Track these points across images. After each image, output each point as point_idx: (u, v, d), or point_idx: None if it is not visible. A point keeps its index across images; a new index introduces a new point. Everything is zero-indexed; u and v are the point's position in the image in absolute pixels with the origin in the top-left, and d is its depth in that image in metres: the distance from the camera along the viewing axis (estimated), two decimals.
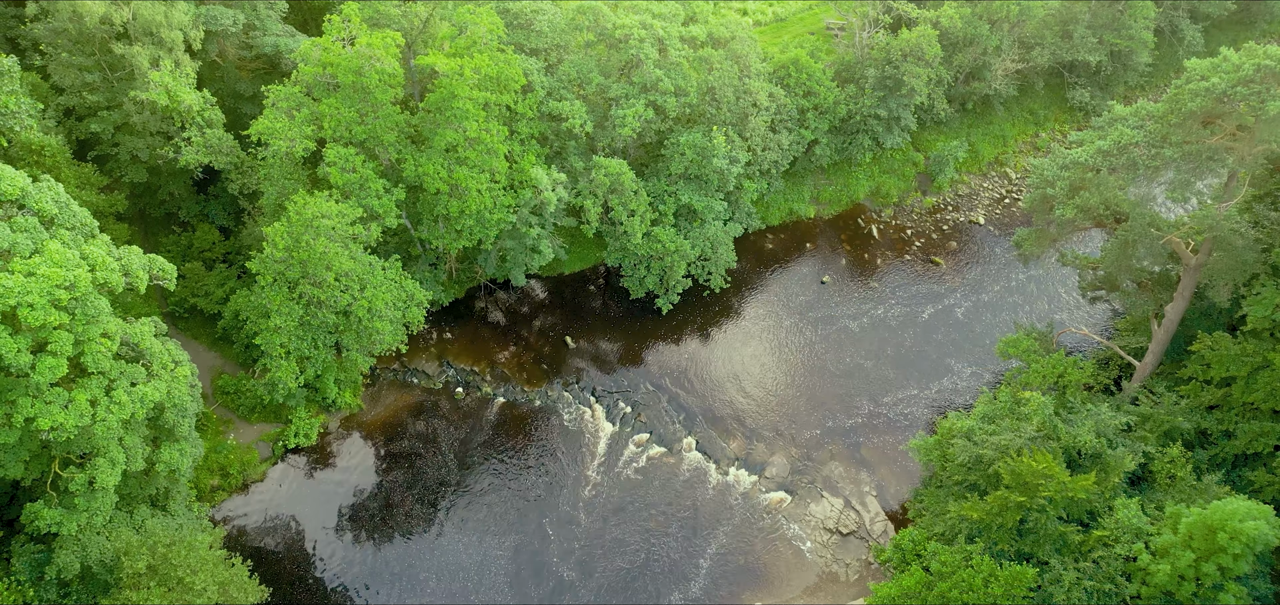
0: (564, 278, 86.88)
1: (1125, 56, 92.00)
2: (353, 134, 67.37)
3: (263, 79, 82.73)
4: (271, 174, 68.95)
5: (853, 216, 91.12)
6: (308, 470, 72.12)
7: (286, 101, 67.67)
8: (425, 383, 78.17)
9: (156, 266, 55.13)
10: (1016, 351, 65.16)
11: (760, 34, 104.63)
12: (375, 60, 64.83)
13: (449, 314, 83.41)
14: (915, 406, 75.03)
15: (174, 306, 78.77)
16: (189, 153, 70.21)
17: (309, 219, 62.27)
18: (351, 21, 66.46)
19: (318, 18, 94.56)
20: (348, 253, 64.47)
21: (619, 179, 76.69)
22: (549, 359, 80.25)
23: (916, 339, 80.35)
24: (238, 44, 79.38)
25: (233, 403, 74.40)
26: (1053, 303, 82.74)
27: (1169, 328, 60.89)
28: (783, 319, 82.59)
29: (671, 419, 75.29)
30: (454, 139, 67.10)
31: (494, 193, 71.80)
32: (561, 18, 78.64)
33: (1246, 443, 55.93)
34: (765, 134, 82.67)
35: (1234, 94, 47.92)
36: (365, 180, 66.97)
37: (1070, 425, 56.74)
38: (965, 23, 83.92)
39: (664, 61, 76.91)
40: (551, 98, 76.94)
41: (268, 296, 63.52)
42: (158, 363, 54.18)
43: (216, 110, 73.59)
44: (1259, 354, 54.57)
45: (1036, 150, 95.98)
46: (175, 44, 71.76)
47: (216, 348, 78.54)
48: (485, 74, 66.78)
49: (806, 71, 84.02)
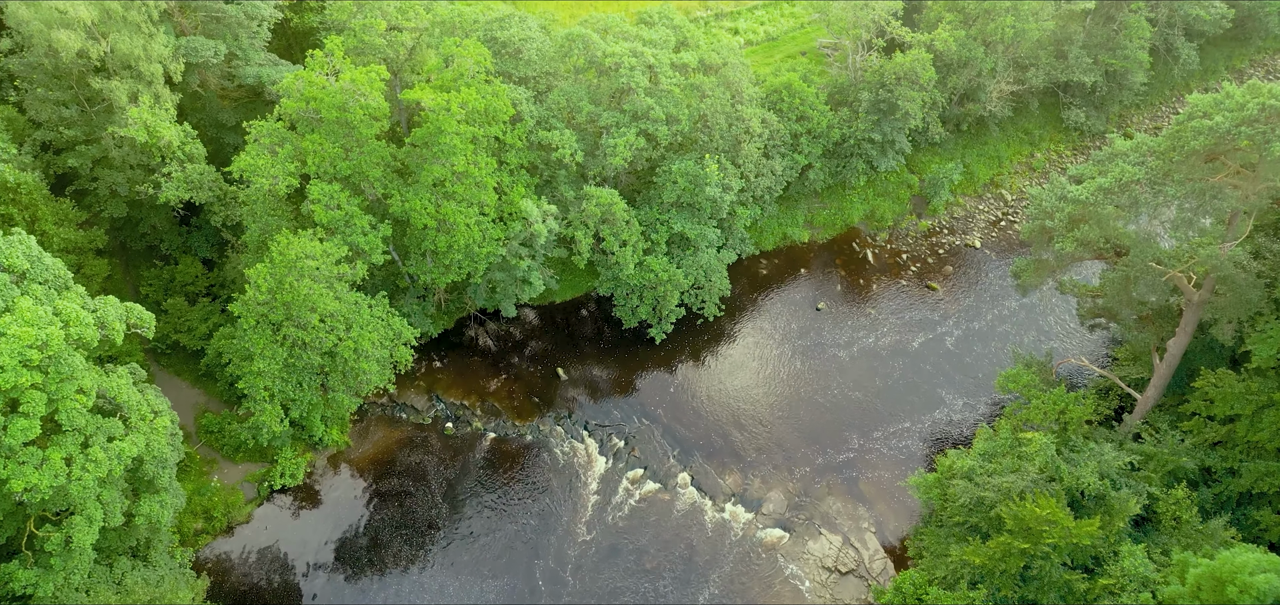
0: (555, 305, 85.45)
1: (1121, 76, 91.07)
2: (337, 170, 65.83)
3: (246, 108, 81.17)
4: (254, 210, 67.36)
5: (847, 240, 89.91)
6: (294, 510, 70.49)
7: (269, 137, 66.07)
8: (414, 418, 76.62)
9: (134, 315, 53.58)
10: (1016, 386, 64.01)
11: (752, 53, 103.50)
12: (360, 95, 63.31)
13: (439, 344, 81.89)
14: (910, 440, 73.75)
15: (156, 343, 76.99)
16: (169, 189, 68.54)
17: (292, 260, 60.72)
18: (335, 55, 64.91)
19: (303, 43, 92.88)
20: (333, 293, 62.92)
21: (610, 209, 75.34)
22: (540, 391, 78.80)
23: (909, 370, 78.96)
24: (220, 74, 77.72)
25: (217, 442, 72.72)
26: (1043, 333, 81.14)
27: (1171, 362, 59.84)
28: (778, 347, 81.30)
29: (666, 453, 73.90)
30: (441, 174, 65.64)
31: (483, 226, 70.34)
32: (551, 46, 77.25)
33: (1252, 482, 54.89)
34: (758, 160, 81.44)
35: (1238, 134, 46.84)
36: (350, 217, 65.43)
37: (1073, 465, 55.62)
38: (960, 45, 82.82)
39: (655, 89, 75.58)
40: (541, 127, 75.55)
41: (250, 339, 61.91)
42: (136, 414, 52.58)
43: (198, 144, 71.95)
44: (1264, 393, 53.54)
45: (1032, 171, 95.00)
46: (155, 77, 70.11)
47: (200, 384, 76.88)
48: (473, 108, 65.32)
49: (799, 96, 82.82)
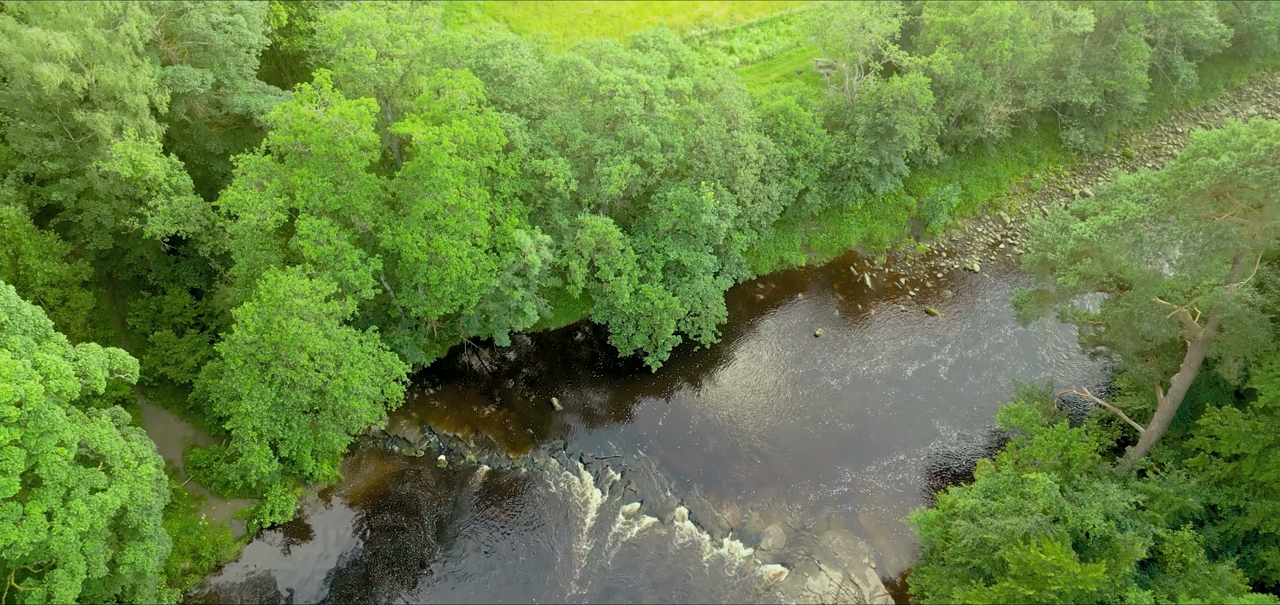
0: (550, 332, 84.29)
1: (1120, 97, 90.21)
2: (327, 204, 64.63)
3: (234, 136, 79.93)
4: (242, 245, 66.05)
5: (845, 264, 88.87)
6: (284, 546, 69.23)
7: (256, 171, 64.86)
8: (407, 450, 75.39)
9: (117, 362, 52.37)
10: (1018, 421, 63.00)
11: (748, 72, 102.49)
12: (350, 129, 62.12)
13: (432, 372, 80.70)
14: (907, 472, 72.57)
15: (143, 376, 75.40)
16: (155, 223, 67.24)
17: (280, 298, 59.54)
18: (324, 89, 63.69)
19: (293, 66, 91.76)
20: (322, 331, 61.72)
21: (605, 238, 74.25)
22: (535, 422, 77.61)
23: (904, 400, 77.71)
24: (207, 102, 76.37)
25: (205, 478, 71.43)
26: (1038, 362, 79.50)
27: (1175, 397, 58.91)
28: (775, 375, 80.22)
29: (663, 486, 72.77)
30: (433, 208, 64.43)
31: (476, 258, 69.16)
32: (544, 73, 76.09)
33: (1258, 522, 53.99)
34: (755, 186, 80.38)
35: (1244, 174, 45.89)
36: (340, 252, 64.21)
37: (1077, 505, 54.60)
38: (958, 68, 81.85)
39: (650, 116, 74.47)
40: (535, 156, 74.39)
41: (238, 380, 60.64)
42: (119, 463, 51.34)
43: (184, 175, 70.68)
44: (1271, 432, 52.61)
45: (1031, 192, 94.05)
46: (140, 108, 68.83)
47: (188, 418, 75.59)
48: (465, 141, 64.15)
49: (796, 120, 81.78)
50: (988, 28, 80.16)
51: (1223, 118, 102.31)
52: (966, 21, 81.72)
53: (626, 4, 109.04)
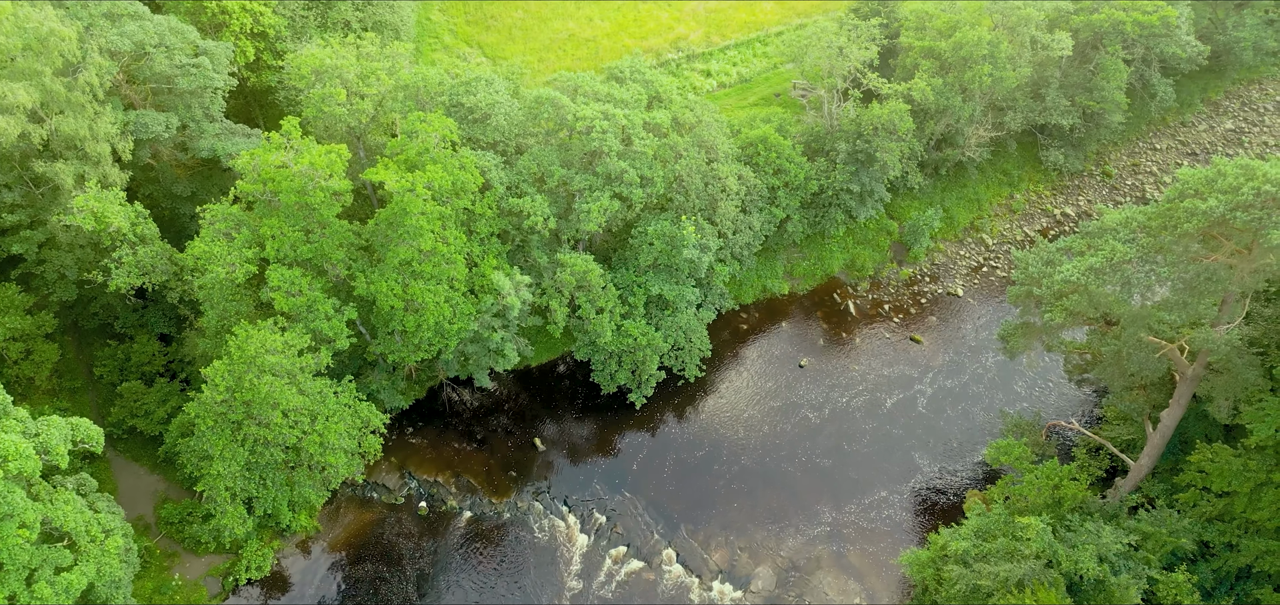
0: (531, 370, 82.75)
1: (1098, 116, 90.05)
2: (298, 253, 62.78)
3: (202, 179, 77.88)
4: (211, 297, 64.01)
5: (828, 291, 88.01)
6: (262, 603, 67.23)
7: (224, 221, 62.93)
8: (386, 498, 73.61)
9: (81, 433, 50.43)
10: (1008, 459, 62.35)
11: (725, 95, 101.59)
12: (320, 178, 60.37)
13: (410, 414, 78.95)
14: (894, 510, 71.50)
15: (112, 428, 73.43)
16: (119, 276, 65.11)
17: (251, 355, 57.66)
18: (293, 137, 61.88)
19: (261, 101, 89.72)
20: (295, 386, 59.88)
21: (586, 276, 72.89)
22: (517, 464, 76.07)
23: (900, 431, 76.94)
24: (173, 145, 74.25)
25: (178, 534, 69.27)
26: (1016, 394, 78.58)
27: (1165, 432, 58.44)
28: (760, 408, 79.14)
29: (649, 527, 71.48)
30: (408, 255, 62.77)
31: (453, 302, 67.52)
32: (519, 110, 74.59)
33: (1252, 558, 53.54)
34: (736, 217, 79.29)
35: (1233, 218, 45.33)
36: (313, 302, 62.38)
37: (1070, 547, 53.94)
38: (937, 94, 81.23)
39: (628, 152, 73.20)
40: (511, 194, 72.91)
41: (209, 441, 58.65)
42: (85, 538, 49.40)
43: (150, 223, 68.66)
44: (1262, 470, 52.19)
45: (1012, 213, 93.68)
46: (102, 157, 66.78)
47: (160, 471, 73.35)
48: (439, 187, 62.57)
49: (776, 149, 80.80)
50: (966, 53, 79.61)
51: (1200, 133, 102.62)
52: (945, 46, 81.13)
53: (602, 28, 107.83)
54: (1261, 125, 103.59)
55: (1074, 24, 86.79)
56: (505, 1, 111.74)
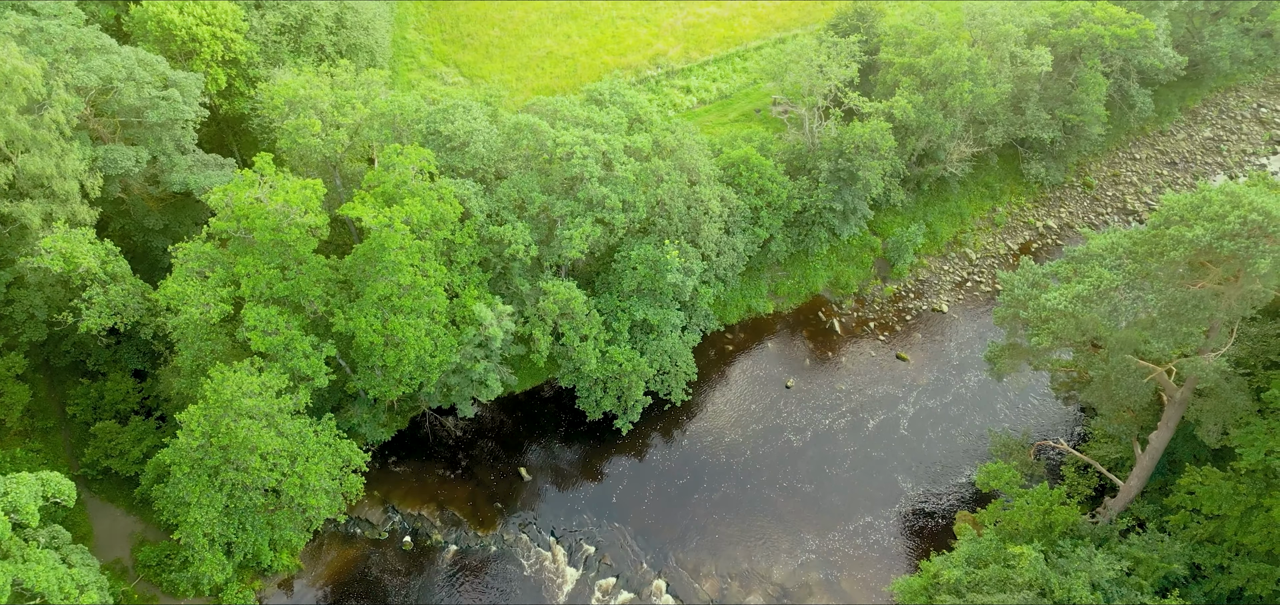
0: (515, 396, 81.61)
1: (1078, 128, 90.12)
2: (274, 291, 61.44)
3: (175, 210, 76.35)
4: (186, 337, 62.55)
5: (813, 309, 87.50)
6: None
7: (197, 261, 61.50)
8: (370, 533, 72.31)
9: (51, 489, 48.92)
10: (999, 483, 61.99)
11: (705, 112, 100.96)
12: (295, 215, 59.07)
13: (393, 445, 77.67)
14: (882, 535, 70.88)
15: (86, 469, 71.79)
16: (91, 316, 63.55)
17: (227, 399, 56.27)
18: (267, 174, 60.54)
19: (235, 128, 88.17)
20: (274, 428, 58.54)
21: (569, 303, 71.96)
22: (503, 494, 74.97)
23: (880, 456, 76.27)
24: (144, 179, 72.62)
25: (156, 577, 67.67)
26: (997, 414, 78.18)
27: (1153, 454, 58.29)
28: (747, 431, 78.44)
29: (638, 557, 70.61)
30: (387, 290, 61.59)
31: (434, 335, 66.37)
32: (498, 136, 73.52)
33: (1243, 581, 53.40)
34: (719, 238, 78.62)
35: (1219, 247, 45.11)
36: (290, 341, 61.05)
37: (1063, 574, 53.58)
38: (918, 111, 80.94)
39: (609, 177, 72.34)
40: (492, 221, 71.86)
41: (185, 488, 57.21)
42: (58, 597, 47.92)
43: (121, 260, 67.15)
44: (1252, 494, 52.03)
45: (994, 226, 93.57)
46: (70, 195, 65.22)
47: (137, 512, 71.72)
48: (418, 221, 61.43)
49: (758, 169, 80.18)
50: (946, 69, 79.35)
51: (1179, 142, 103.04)
52: (925, 63, 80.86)
53: (580, 45, 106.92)
54: (1239, 133, 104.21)
55: (1053, 38, 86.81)
56: (482, 20, 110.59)
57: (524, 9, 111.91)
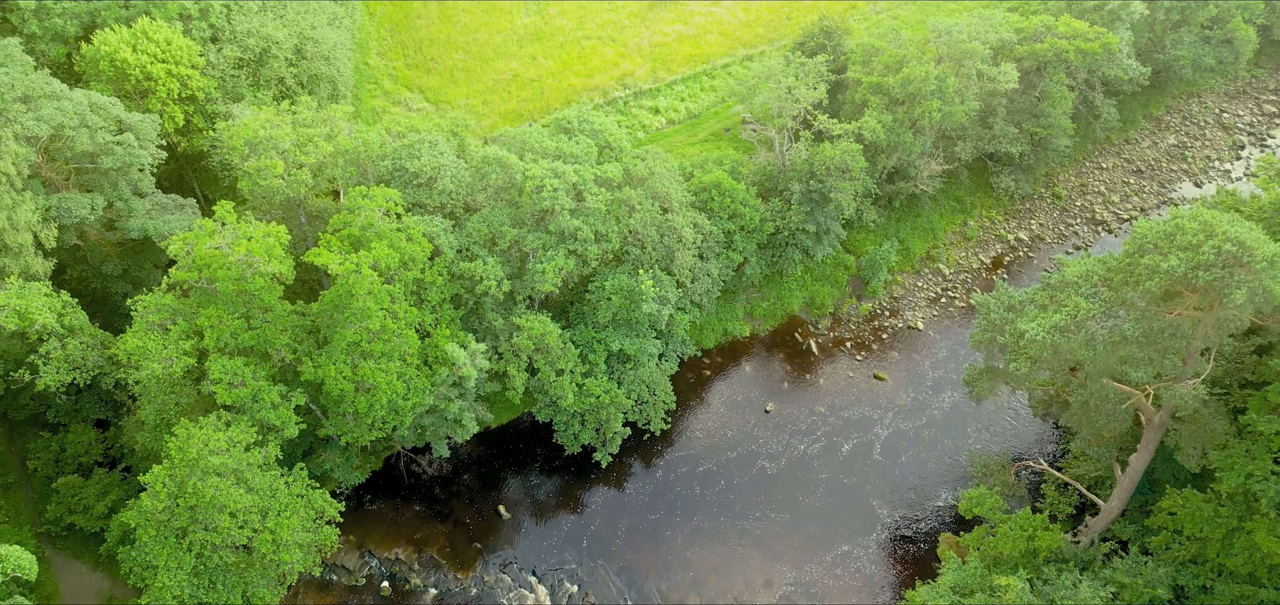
0: (492, 431, 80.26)
1: (1046, 141, 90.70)
2: (239, 342, 59.73)
3: (134, 254, 74.26)
4: (149, 392, 60.62)
5: (789, 331, 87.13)
6: None
7: (158, 313, 59.63)
8: (346, 580, 70.71)
9: (10, 564, 47.00)
10: (981, 509, 61.87)
11: (675, 133, 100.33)
12: (259, 264, 57.45)
13: (368, 486, 76.06)
14: (863, 563, 70.50)
15: (49, 525, 69.45)
16: (48, 373, 61.41)
17: (193, 458, 54.51)
18: (228, 222, 58.83)
19: (194, 166, 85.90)
20: (243, 485, 56.82)
21: (544, 338, 70.84)
22: (481, 533, 73.69)
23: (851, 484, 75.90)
24: (102, 225, 70.45)
25: None
26: (968, 434, 78.37)
27: (1134, 476, 58.46)
28: (726, 457, 77.78)
29: (622, 594, 69.64)
30: (356, 337, 60.13)
31: (406, 377, 64.95)
32: (466, 171, 72.26)
33: (1227, 602, 53.61)
34: (694, 265, 77.96)
35: (1194, 277, 45.18)
36: (258, 392, 59.37)
37: (1048, 602, 53.48)
38: (888, 130, 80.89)
39: (581, 209, 71.38)
40: (462, 257, 70.60)
41: (152, 552, 55.32)
42: None
43: (79, 312, 65.06)
44: (1233, 517, 52.25)
45: (966, 240, 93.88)
46: (24, 248, 63.04)
47: (103, 568, 69.55)
48: (386, 265, 60.05)
49: (730, 194, 79.63)
50: (914, 88, 79.36)
51: (1144, 149, 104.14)
52: (893, 82, 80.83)
53: (546, 67, 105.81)
54: (1203, 138, 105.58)
55: (1018, 53, 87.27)
56: (446, 44, 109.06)
57: (488, 32, 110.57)
